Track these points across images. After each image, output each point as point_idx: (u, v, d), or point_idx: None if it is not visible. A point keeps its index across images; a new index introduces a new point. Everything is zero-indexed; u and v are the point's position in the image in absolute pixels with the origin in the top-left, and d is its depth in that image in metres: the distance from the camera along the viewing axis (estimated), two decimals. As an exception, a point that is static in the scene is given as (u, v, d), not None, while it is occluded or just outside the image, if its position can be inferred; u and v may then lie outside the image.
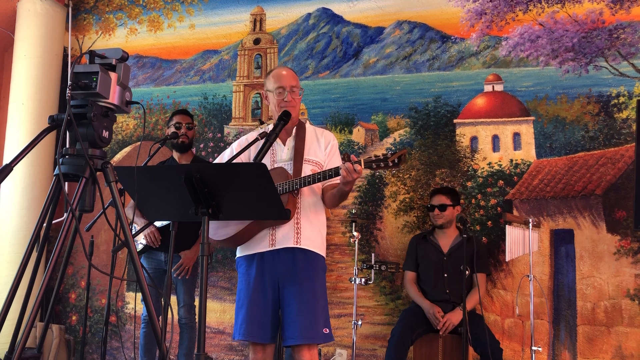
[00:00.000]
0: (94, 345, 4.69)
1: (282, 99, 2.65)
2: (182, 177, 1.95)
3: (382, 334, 3.96)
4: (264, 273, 2.60)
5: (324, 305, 2.60)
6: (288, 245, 2.58)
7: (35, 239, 1.90)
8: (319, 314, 2.55)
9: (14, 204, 4.57)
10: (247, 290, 2.60)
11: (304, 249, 2.60)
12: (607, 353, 3.58)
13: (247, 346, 4.33)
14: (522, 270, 3.75)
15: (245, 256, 2.67)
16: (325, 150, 2.74)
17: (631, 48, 3.77)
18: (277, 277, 2.59)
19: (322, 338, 2.54)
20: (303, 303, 2.52)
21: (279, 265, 2.58)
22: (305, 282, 2.55)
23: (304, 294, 2.53)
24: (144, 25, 5.05)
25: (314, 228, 2.65)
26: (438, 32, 4.25)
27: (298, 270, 2.56)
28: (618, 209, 3.65)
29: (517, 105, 3.99)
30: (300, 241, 2.59)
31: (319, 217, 2.69)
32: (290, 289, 2.55)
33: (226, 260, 4.49)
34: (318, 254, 2.65)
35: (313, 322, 2.51)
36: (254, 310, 2.56)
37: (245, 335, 2.55)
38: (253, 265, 2.63)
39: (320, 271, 2.65)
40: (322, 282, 2.65)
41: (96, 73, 1.89)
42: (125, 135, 4.97)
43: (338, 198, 2.62)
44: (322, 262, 2.68)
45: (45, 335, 2.22)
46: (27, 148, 1.89)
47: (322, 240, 2.70)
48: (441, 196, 3.69)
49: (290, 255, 2.59)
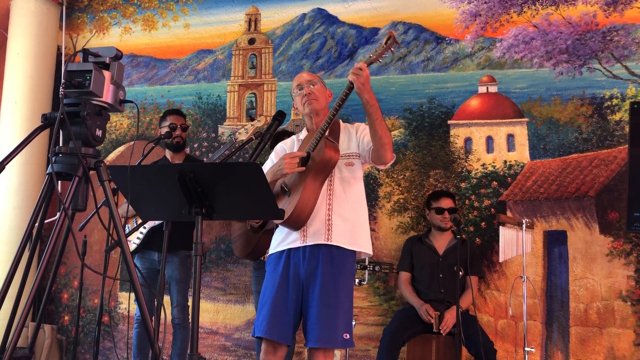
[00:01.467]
0: (87, 345, 4.67)
1: (303, 94, 2.67)
2: (176, 176, 1.95)
3: (376, 335, 3.96)
4: (289, 271, 2.54)
5: (347, 310, 2.52)
6: (319, 241, 2.51)
7: (27, 238, 1.89)
8: (340, 318, 2.47)
9: (7, 203, 4.54)
10: (272, 288, 2.55)
11: (333, 247, 2.51)
12: (599, 354, 3.60)
13: (241, 346, 4.32)
14: (516, 271, 3.76)
15: (276, 253, 2.62)
16: (357, 136, 2.69)
17: (624, 50, 3.79)
18: (302, 277, 2.53)
19: (341, 343, 2.48)
20: (324, 306, 2.45)
21: (305, 264, 2.52)
22: (329, 284, 2.48)
23: (326, 296, 2.46)
24: (139, 24, 5.04)
25: (348, 223, 2.55)
26: (433, 34, 4.26)
27: (323, 271, 2.49)
28: (611, 211, 3.67)
29: (511, 106, 4.00)
30: (332, 238, 2.51)
31: (354, 210, 2.59)
32: (313, 290, 2.49)
33: (220, 260, 4.48)
34: (349, 251, 2.54)
35: (332, 327, 2.45)
36: (277, 309, 2.50)
37: (265, 333, 2.48)
38: (280, 263, 2.57)
39: (346, 272, 2.55)
40: (348, 284, 2.56)
41: (90, 71, 1.88)
42: (119, 134, 4.95)
43: (375, 128, 2.46)
44: (350, 262, 2.57)
45: (36, 335, 2.21)
46: (19, 146, 1.88)
47: (360, 234, 2.58)
48: (448, 200, 3.68)
49: (318, 253, 2.51)
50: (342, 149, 2.64)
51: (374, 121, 2.45)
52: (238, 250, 3.47)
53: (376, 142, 2.50)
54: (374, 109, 2.43)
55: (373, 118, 2.45)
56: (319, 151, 2.50)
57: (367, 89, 2.41)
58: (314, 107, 2.65)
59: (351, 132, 2.71)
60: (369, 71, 2.42)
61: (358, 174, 2.67)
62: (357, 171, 2.66)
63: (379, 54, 2.46)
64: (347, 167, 2.62)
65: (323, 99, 2.70)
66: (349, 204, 2.59)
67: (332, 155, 2.52)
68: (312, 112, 2.66)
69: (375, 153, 2.55)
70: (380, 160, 2.57)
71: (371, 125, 2.48)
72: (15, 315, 1.96)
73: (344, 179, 2.60)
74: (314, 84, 2.68)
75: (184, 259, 3.66)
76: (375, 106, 2.44)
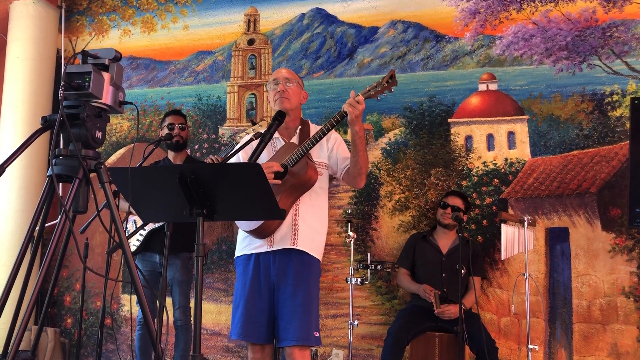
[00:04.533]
0: (89, 348, 4.66)
1: (277, 90, 2.66)
2: (177, 177, 1.94)
3: (379, 334, 3.95)
4: (260, 274, 2.60)
5: (316, 309, 2.60)
6: (285, 246, 2.58)
7: (28, 241, 1.89)
8: (312, 316, 2.55)
9: (8, 207, 4.54)
10: (244, 291, 2.60)
11: (300, 251, 2.59)
12: (602, 350, 3.59)
13: (244, 347, 4.32)
14: (518, 269, 3.75)
15: (244, 256, 2.66)
16: (328, 146, 2.71)
17: (624, 46, 3.78)
18: (273, 279, 2.59)
19: (314, 340, 2.55)
20: (297, 305, 2.52)
21: (275, 266, 2.58)
22: (300, 284, 2.55)
23: (298, 296, 2.53)
24: (138, 26, 5.04)
25: (312, 230, 2.63)
26: (432, 32, 4.25)
27: (293, 272, 2.56)
28: (613, 207, 3.66)
29: (511, 104, 3.99)
30: (297, 242, 2.58)
31: (318, 219, 2.67)
32: (285, 290, 2.55)
33: (222, 261, 4.48)
34: (313, 257, 2.64)
35: (306, 325, 2.51)
36: (250, 311, 2.56)
37: (241, 335, 2.56)
38: (250, 265, 2.62)
39: (314, 274, 2.64)
40: (316, 286, 2.65)
41: (89, 73, 1.87)
42: (119, 137, 4.95)
43: (358, 158, 2.52)
44: (317, 266, 2.66)
45: (39, 338, 2.21)
46: (19, 149, 1.88)
47: (319, 243, 2.68)
48: (457, 199, 3.69)
49: (287, 256, 2.58)
50: (312, 156, 2.65)
51: (359, 152, 2.52)
52: None
53: (356, 170, 2.58)
54: (360, 140, 2.50)
55: (358, 149, 2.51)
56: (300, 169, 2.52)
57: (359, 121, 2.46)
58: (284, 106, 2.65)
59: (322, 141, 2.67)
60: (364, 105, 2.46)
61: (324, 184, 2.71)
62: (323, 181, 2.70)
63: (378, 92, 2.49)
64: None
65: (295, 99, 2.70)
66: (313, 212, 2.64)
67: (312, 176, 2.56)
68: (281, 110, 2.65)
69: (350, 178, 2.63)
70: (354, 185, 2.69)
71: (354, 154, 2.54)
72: (17, 318, 1.95)
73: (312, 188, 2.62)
74: (290, 82, 2.68)
75: (185, 260, 3.66)
76: (362, 137, 2.50)
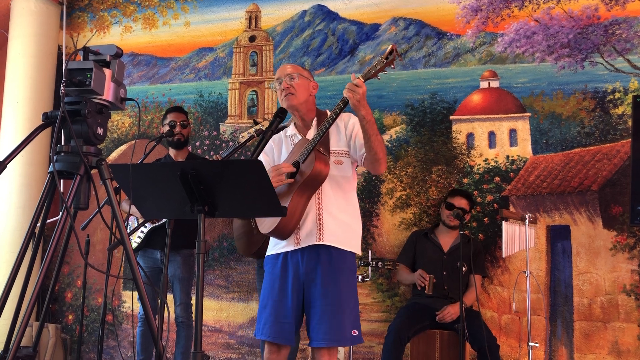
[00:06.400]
0: (91, 344, 4.68)
1: (281, 90, 2.61)
2: (178, 174, 1.94)
3: (379, 331, 3.95)
4: (288, 273, 2.53)
5: (352, 307, 2.49)
6: (311, 242, 2.49)
7: (29, 237, 1.89)
8: (346, 315, 2.45)
9: (10, 204, 4.55)
10: (272, 291, 2.54)
11: (328, 246, 2.49)
12: (603, 348, 3.59)
13: (245, 344, 4.32)
14: (519, 267, 3.75)
15: (272, 255, 2.61)
16: (346, 132, 2.61)
17: (627, 44, 3.77)
18: (302, 278, 2.51)
19: (350, 340, 2.48)
20: (327, 305, 2.43)
21: (303, 264, 2.51)
22: (330, 282, 2.46)
23: (328, 294, 2.44)
24: (139, 23, 5.03)
25: (339, 222, 2.52)
26: (434, 29, 4.24)
27: (322, 269, 2.47)
28: (614, 205, 3.66)
29: (513, 101, 3.99)
30: (323, 238, 2.49)
31: (345, 210, 2.56)
32: (314, 289, 2.47)
33: (223, 258, 4.48)
34: (344, 250, 2.52)
35: (338, 324, 2.43)
36: (277, 311, 2.50)
37: (268, 336, 2.49)
38: (278, 264, 2.56)
39: (347, 269, 2.53)
40: (350, 281, 2.53)
41: (90, 69, 1.87)
42: (120, 133, 4.95)
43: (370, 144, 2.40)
44: (350, 259, 2.55)
45: (40, 334, 2.21)
46: (20, 145, 1.87)
47: (351, 234, 2.56)
48: (463, 199, 3.65)
49: (315, 253, 2.50)
50: (330, 145, 2.57)
51: (370, 137, 2.39)
52: (242, 249, 3.47)
53: (371, 156, 2.45)
54: (369, 125, 2.37)
55: (369, 134, 2.39)
56: (308, 165, 2.45)
57: (363, 105, 2.33)
58: (291, 104, 2.58)
59: (340, 127, 2.61)
60: (365, 87, 2.34)
61: (348, 173, 2.59)
62: (346, 170, 2.58)
63: (378, 70, 2.36)
64: (335, 165, 2.54)
65: (302, 92, 2.61)
66: (337, 203, 2.54)
67: (322, 169, 2.45)
68: (289, 108, 2.60)
69: (369, 164, 2.51)
70: (374, 171, 2.55)
71: (366, 140, 2.41)
72: (18, 314, 1.96)
73: (332, 178, 2.52)
74: (292, 78, 2.60)
75: (186, 257, 3.66)
76: (371, 121, 2.37)
